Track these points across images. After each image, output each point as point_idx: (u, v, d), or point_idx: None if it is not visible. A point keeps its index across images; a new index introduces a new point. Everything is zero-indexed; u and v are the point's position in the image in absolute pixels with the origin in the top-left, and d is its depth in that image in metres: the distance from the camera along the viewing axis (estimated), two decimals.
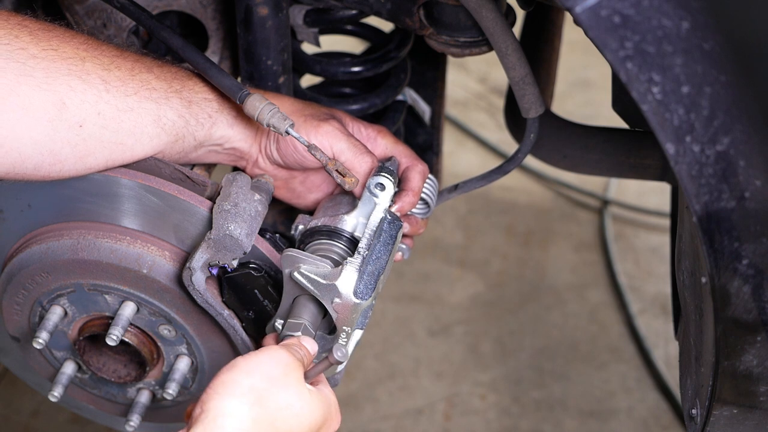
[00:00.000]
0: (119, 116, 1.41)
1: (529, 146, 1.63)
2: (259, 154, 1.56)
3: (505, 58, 1.50)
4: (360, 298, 1.43)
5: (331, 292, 1.43)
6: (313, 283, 1.43)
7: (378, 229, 1.50)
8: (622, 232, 3.29)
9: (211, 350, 1.60)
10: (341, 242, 1.51)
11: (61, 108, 1.37)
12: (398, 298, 3.04)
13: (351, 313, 1.44)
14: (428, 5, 1.55)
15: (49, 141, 1.37)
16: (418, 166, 1.61)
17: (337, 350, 1.32)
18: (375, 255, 1.47)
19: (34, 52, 1.36)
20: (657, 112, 1.15)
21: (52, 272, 1.56)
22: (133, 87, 1.43)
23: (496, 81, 3.77)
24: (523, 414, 2.77)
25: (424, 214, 1.66)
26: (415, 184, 1.59)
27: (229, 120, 1.52)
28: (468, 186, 1.71)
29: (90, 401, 1.74)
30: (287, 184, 1.61)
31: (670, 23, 1.12)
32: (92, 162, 1.43)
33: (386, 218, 1.52)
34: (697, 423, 1.48)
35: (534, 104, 1.56)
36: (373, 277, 1.45)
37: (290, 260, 1.44)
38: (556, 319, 3.02)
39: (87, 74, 1.39)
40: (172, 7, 1.71)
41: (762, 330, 1.30)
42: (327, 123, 1.53)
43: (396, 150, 1.61)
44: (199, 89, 1.51)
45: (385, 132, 1.63)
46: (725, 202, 1.20)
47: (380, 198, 1.53)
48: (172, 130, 1.47)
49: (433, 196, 1.66)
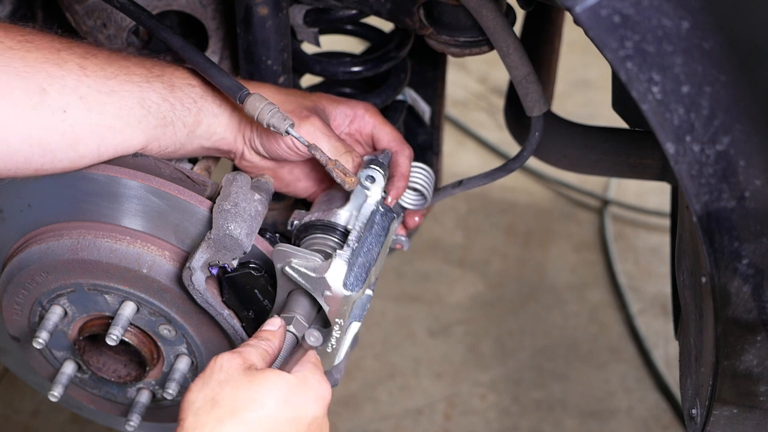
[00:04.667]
0: (102, 99, 1.42)
1: (534, 144, 1.63)
2: (245, 146, 1.55)
3: (506, 58, 1.50)
4: (350, 290, 1.43)
5: (322, 284, 1.43)
6: (303, 276, 1.44)
7: (369, 221, 1.51)
8: (622, 232, 3.29)
9: (211, 350, 1.59)
10: (335, 236, 1.51)
11: (42, 94, 1.37)
12: (398, 298, 3.04)
13: (342, 305, 1.44)
14: (428, 5, 1.55)
15: (36, 129, 1.37)
16: (405, 151, 1.62)
17: (310, 335, 1.33)
18: (366, 247, 1.48)
19: (10, 44, 1.37)
20: (657, 112, 1.15)
21: (52, 272, 1.56)
22: (112, 71, 1.43)
23: (496, 81, 3.77)
24: (523, 414, 2.77)
25: (421, 206, 1.67)
26: (404, 169, 1.60)
27: (214, 109, 1.52)
28: (472, 183, 1.71)
29: (90, 401, 1.74)
30: (275, 174, 1.61)
31: (670, 23, 1.12)
32: (83, 150, 1.42)
33: (378, 210, 1.53)
34: (697, 423, 1.48)
35: (537, 102, 1.56)
36: (363, 269, 1.45)
37: (281, 255, 1.45)
38: (556, 319, 3.02)
39: (64, 62, 1.40)
40: (172, 7, 1.71)
41: (762, 330, 1.30)
42: (307, 122, 1.53)
43: (383, 131, 1.62)
44: (181, 75, 1.51)
45: (373, 110, 1.63)
46: (725, 201, 1.20)
47: (371, 190, 1.53)
48: (158, 112, 1.46)
49: (429, 187, 1.66)
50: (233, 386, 1.28)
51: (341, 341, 1.50)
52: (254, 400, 1.27)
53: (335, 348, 1.51)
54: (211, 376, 1.30)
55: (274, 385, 1.29)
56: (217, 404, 1.27)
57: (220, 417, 1.26)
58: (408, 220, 1.68)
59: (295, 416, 1.29)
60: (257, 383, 1.29)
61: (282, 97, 1.56)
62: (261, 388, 1.29)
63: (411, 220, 1.68)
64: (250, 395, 1.28)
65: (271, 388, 1.29)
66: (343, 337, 1.49)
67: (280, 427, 1.28)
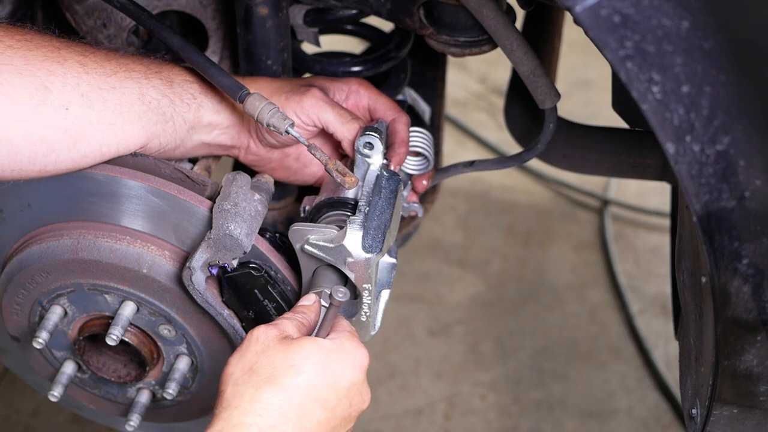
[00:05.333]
0: (103, 95, 1.42)
1: (549, 136, 1.63)
2: (251, 138, 1.56)
3: (512, 55, 1.51)
4: (370, 252, 1.45)
5: (342, 252, 1.45)
6: (322, 249, 1.46)
7: (376, 187, 1.53)
8: (622, 232, 3.29)
9: (211, 350, 1.60)
10: (346, 210, 1.53)
11: (44, 92, 1.38)
12: (398, 298, 3.04)
13: (365, 268, 1.46)
14: (428, 5, 1.55)
15: (39, 128, 1.38)
16: (402, 118, 1.63)
17: (337, 291, 1.34)
18: (378, 210, 1.49)
19: (10, 43, 1.38)
20: (657, 112, 1.15)
21: (52, 272, 1.56)
22: (111, 68, 1.44)
23: (496, 81, 3.77)
24: (523, 414, 2.77)
25: (425, 168, 1.69)
26: (403, 135, 1.61)
27: (214, 105, 1.52)
28: (484, 165, 1.73)
29: (90, 401, 1.74)
30: (283, 164, 1.62)
31: (670, 23, 1.12)
32: (86, 148, 1.43)
33: (383, 175, 1.54)
34: (697, 423, 1.48)
35: (548, 94, 1.56)
36: (379, 231, 1.47)
37: (298, 234, 1.47)
38: (556, 319, 3.02)
39: (64, 59, 1.41)
40: (172, 7, 1.71)
41: (762, 330, 1.30)
42: (309, 95, 1.54)
43: (379, 101, 1.63)
44: (179, 71, 1.52)
45: (366, 84, 1.64)
46: (725, 201, 1.20)
47: (372, 157, 1.55)
48: (158, 108, 1.47)
49: (429, 149, 1.68)
50: (270, 355, 1.30)
51: (374, 309, 1.52)
52: (291, 366, 1.29)
53: (370, 316, 1.53)
54: (248, 347, 1.32)
55: (311, 351, 1.31)
56: (255, 372, 1.29)
57: (257, 384, 1.28)
58: (416, 184, 1.70)
59: (333, 381, 1.31)
60: (294, 350, 1.30)
61: (277, 83, 1.57)
62: (297, 355, 1.30)
63: (419, 184, 1.70)
64: (287, 362, 1.29)
65: (308, 354, 1.30)
66: (375, 304, 1.52)
67: (318, 391, 1.29)
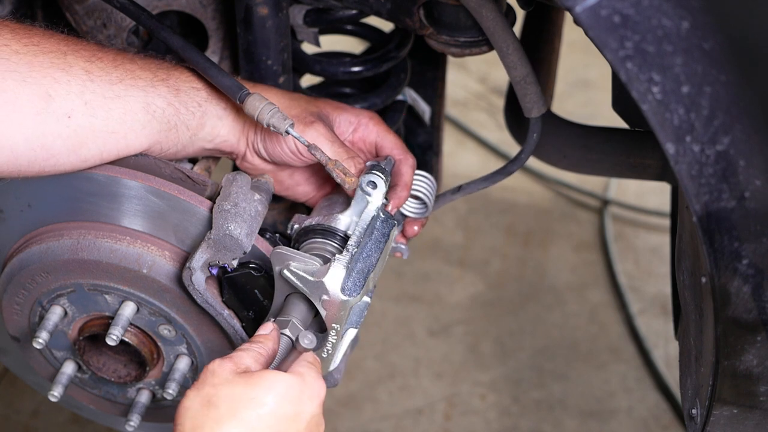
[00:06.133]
0: (107, 104, 1.41)
1: (533, 146, 1.62)
2: (247, 148, 1.55)
3: (506, 58, 1.50)
4: (348, 295, 1.42)
5: (319, 288, 1.43)
6: (301, 280, 1.43)
7: (369, 227, 1.50)
8: (622, 232, 3.29)
9: (211, 350, 1.59)
10: (335, 241, 1.50)
11: (47, 100, 1.37)
12: (398, 298, 3.04)
13: (339, 310, 1.44)
14: (428, 5, 1.55)
15: (40, 135, 1.38)
16: (408, 160, 1.61)
17: (304, 337, 1.34)
18: (365, 253, 1.47)
19: (17, 48, 1.37)
20: (657, 112, 1.15)
21: (52, 272, 1.56)
22: (117, 76, 1.43)
23: (496, 81, 3.77)
24: (523, 414, 2.77)
25: (422, 214, 1.66)
26: (407, 178, 1.59)
27: (218, 111, 1.52)
28: (471, 187, 1.70)
29: (90, 401, 1.74)
30: (275, 176, 1.61)
31: (670, 23, 1.12)
32: (86, 154, 1.43)
33: (379, 216, 1.52)
34: (697, 423, 1.48)
35: (536, 104, 1.55)
36: (362, 274, 1.45)
37: (280, 258, 1.44)
38: (556, 319, 3.02)
39: (69, 66, 1.40)
40: (172, 7, 1.71)
41: (762, 330, 1.30)
42: (311, 128, 1.53)
43: (387, 139, 1.61)
44: (186, 78, 1.51)
45: (377, 119, 1.63)
46: (725, 201, 1.20)
47: (372, 196, 1.52)
48: (162, 117, 1.46)
49: (431, 195, 1.66)
50: (229, 387, 1.28)
51: (337, 347, 1.49)
52: (253, 399, 1.27)
53: (331, 353, 1.50)
54: (204, 381, 1.29)
55: (272, 383, 1.29)
56: (214, 405, 1.26)
57: (217, 418, 1.25)
58: (407, 228, 1.67)
59: (294, 413, 1.29)
60: (254, 382, 1.29)
61: (287, 101, 1.55)
62: (258, 387, 1.28)
63: (410, 228, 1.67)
64: (248, 394, 1.27)
65: (269, 386, 1.29)
66: (338, 342, 1.49)
67: (280, 424, 1.27)
